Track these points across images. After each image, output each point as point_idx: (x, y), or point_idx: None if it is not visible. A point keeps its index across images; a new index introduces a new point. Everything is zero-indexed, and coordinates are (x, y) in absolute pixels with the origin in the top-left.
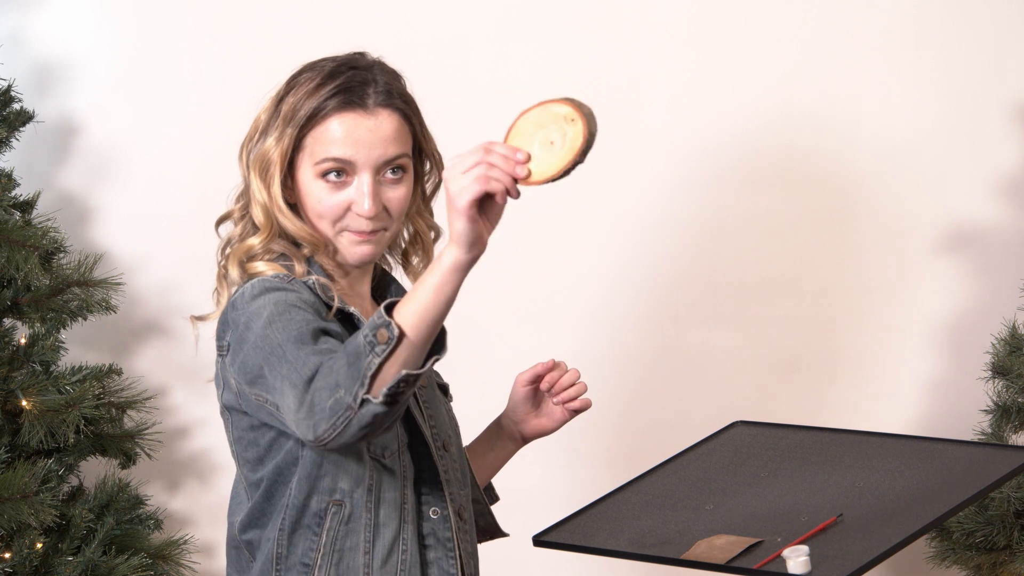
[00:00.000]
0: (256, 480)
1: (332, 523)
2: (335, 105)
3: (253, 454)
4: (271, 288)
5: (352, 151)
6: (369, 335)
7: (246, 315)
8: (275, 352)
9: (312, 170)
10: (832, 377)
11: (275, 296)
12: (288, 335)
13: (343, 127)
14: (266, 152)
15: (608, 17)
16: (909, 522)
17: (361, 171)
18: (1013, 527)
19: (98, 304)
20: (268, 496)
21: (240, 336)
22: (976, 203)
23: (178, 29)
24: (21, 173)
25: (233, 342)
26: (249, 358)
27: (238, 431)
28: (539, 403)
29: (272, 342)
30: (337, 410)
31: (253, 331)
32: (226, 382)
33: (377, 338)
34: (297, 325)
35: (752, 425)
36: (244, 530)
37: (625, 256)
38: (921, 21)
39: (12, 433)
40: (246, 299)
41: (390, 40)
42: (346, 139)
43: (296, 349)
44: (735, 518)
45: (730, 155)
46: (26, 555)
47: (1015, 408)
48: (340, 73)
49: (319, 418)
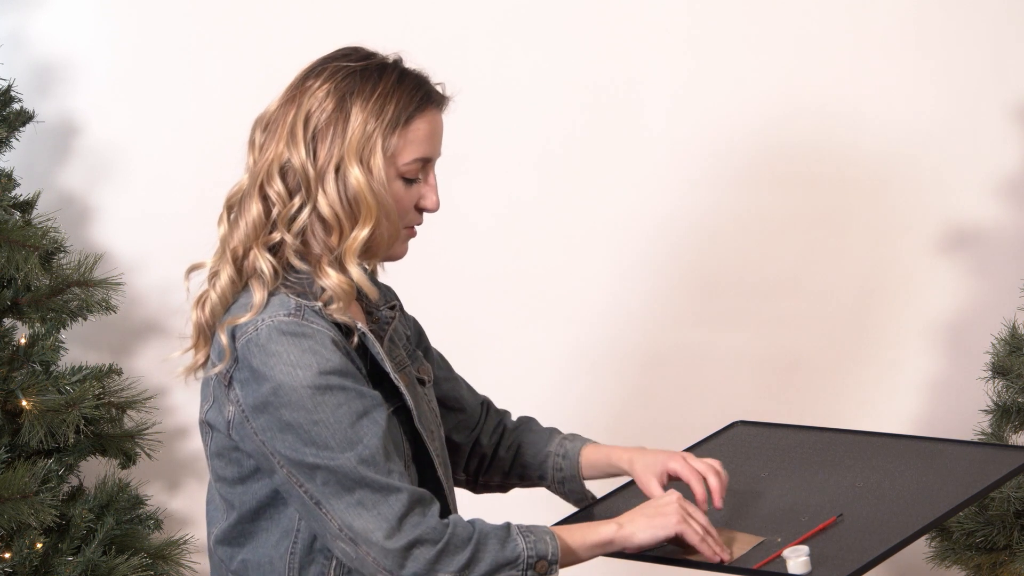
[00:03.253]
0: (234, 499)
1: None
2: (424, 103)
3: (232, 473)
4: (288, 333)
5: (435, 149)
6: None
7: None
8: (337, 461)
9: (396, 169)
10: (832, 377)
11: (300, 354)
12: (347, 441)
13: (430, 126)
14: (367, 144)
15: (608, 17)
16: (909, 522)
17: (432, 168)
18: (1013, 527)
19: (98, 304)
20: (253, 517)
21: (265, 400)
22: (976, 203)
23: (178, 29)
24: (21, 173)
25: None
26: (286, 441)
27: (218, 447)
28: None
29: (324, 443)
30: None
31: (288, 406)
32: (219, 404)
33: (536, 568)
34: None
35: (752, 425)
36: (219, 545)
37: (625, 256)
38: (921, 21)
39: (12, 433)
40: (260, 342)
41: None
42: (431, 138)
43: (371, 473)
44: (735, 518)
45: (730, 155)
46: (26, 555)
47: (1015, 408)
48: (407, 73)
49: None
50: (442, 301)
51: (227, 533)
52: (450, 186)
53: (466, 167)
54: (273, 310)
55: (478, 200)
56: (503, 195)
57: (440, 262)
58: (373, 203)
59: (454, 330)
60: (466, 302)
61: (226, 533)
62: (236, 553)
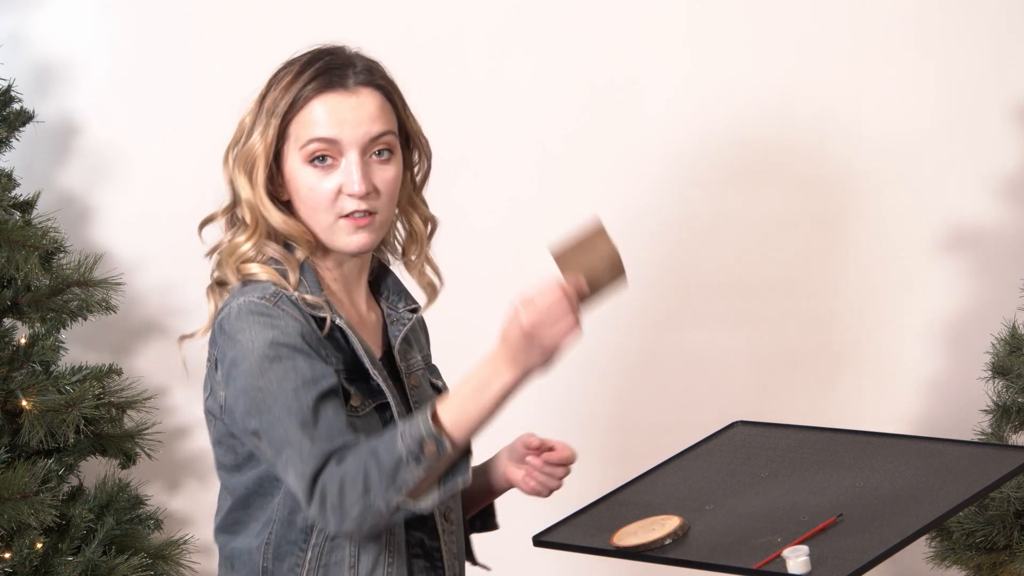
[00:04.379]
0: (231, 486)
1: (318, 539)
2: (315, 88)
3: (230, 460)
4: (255, 312)
5: (337, 130)
6: (413, 446)
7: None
8: (274, 427)
9: (299, 156)
10: (832, 377)
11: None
12: (286, 407)
13: (325, 107)
14: (251, 147)
15: (608, 17)
16: (909, 522)
17: (348, 150)
18: (1013, 527)
19: (98, 304)
20: (244, 505)
21: (228, 372)
22: (976, 203)
23: (178, 29)
24: (21, 173)
25: (220, 359)
26: (240, 408)
27: (217, 434)
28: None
29: (268, 408)
30: (368, 513)
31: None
32: (212, 390)
33: (423, 451)
34: (292, 385)
35: (752, 425)
36: (217, 533)
37: (625, 255)
38: (921, 21)
39: (12, 433)
40: (231, 319)
41: (390, 40)
42: (329, 119)
43: (300, 434)
44: (735, 518)
45: (730, 155)
46: (26, 555)
47: (1015, 408)
48: (318, 59)
49: (343, 517)
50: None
51: (224, 521)
52: (450, 186)
53: (466, 167)
54: (249, 292)
55: (478, 200)
56: (503, 195)
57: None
58: (249, 212)
59: (454, 330)
60: (466, 302)
61: (223, 521)
62: (229, 541)
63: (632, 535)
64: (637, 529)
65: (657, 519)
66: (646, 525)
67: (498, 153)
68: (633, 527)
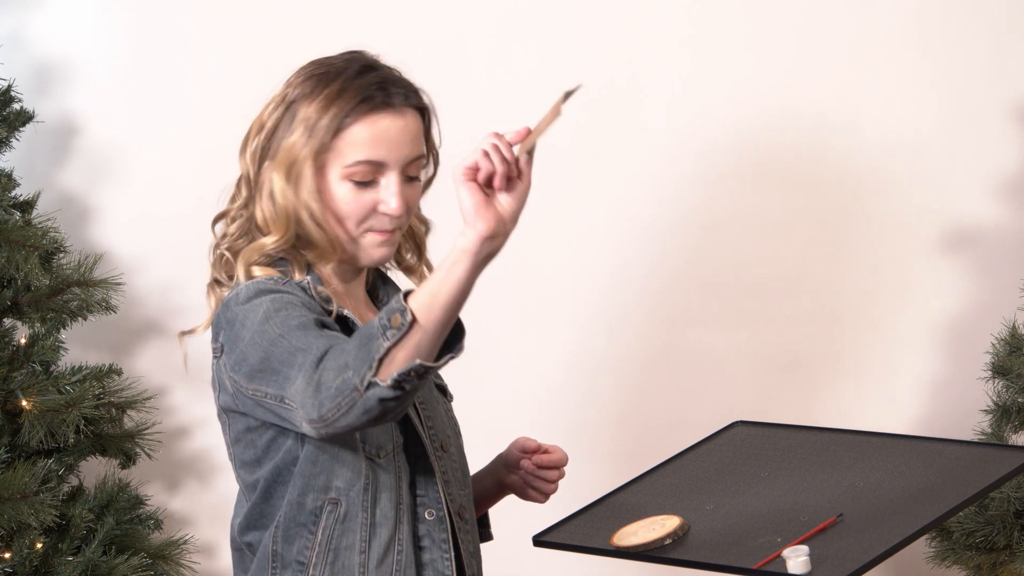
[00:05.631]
0: (253, 482)
1: (328, 521)
2: (365, 108)
3: (250, 455)
4: (265, 290)
5: (384, 152)
6: (384, 318)
7: (241, 313)
8: (277, 342)
9: (340, 171)
10: (832, 377)
11: (271, 296)
12: (288, 326)
13: (375, 129)
14: (293, 153)
15: (608, 17)
16: (909, 522)
17: (390, 171)
18: (1013, 527)
19: (98, 304)
20: (267, 497)
21: (235, 334)
22: (976, 203)
23: (178, 29)
24: (21, 173)
25: (227, 341)
26: (247, 353)
27: (235, 432)
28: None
29: (272, 334)
30: (344, 390)
31: (249, 327)
32: (222, 384)
33: (391, 322)
34: (297, 318)
35: (752, 425)
36: (243, 532)
37: (625, 256)
38: (921, 21)
39: (12, 433)
40: (240, 300)
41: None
42: (378, 141)
43: (303, 334)
44: (735, 518)
45: (730, 155)
46: (26, 555)
47: (1015, 408)
48: (361, 74)
49: (324, 396)
50: None
51: (248, 517)
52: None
53: None
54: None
55: None
56: None
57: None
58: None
59: None
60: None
61: (247, 517)
62: (252, 535)
63: (632, 535)
64: (637, 529)
65: (657, 519)
66: (646, 525)
67: None
68: (633, 527)
